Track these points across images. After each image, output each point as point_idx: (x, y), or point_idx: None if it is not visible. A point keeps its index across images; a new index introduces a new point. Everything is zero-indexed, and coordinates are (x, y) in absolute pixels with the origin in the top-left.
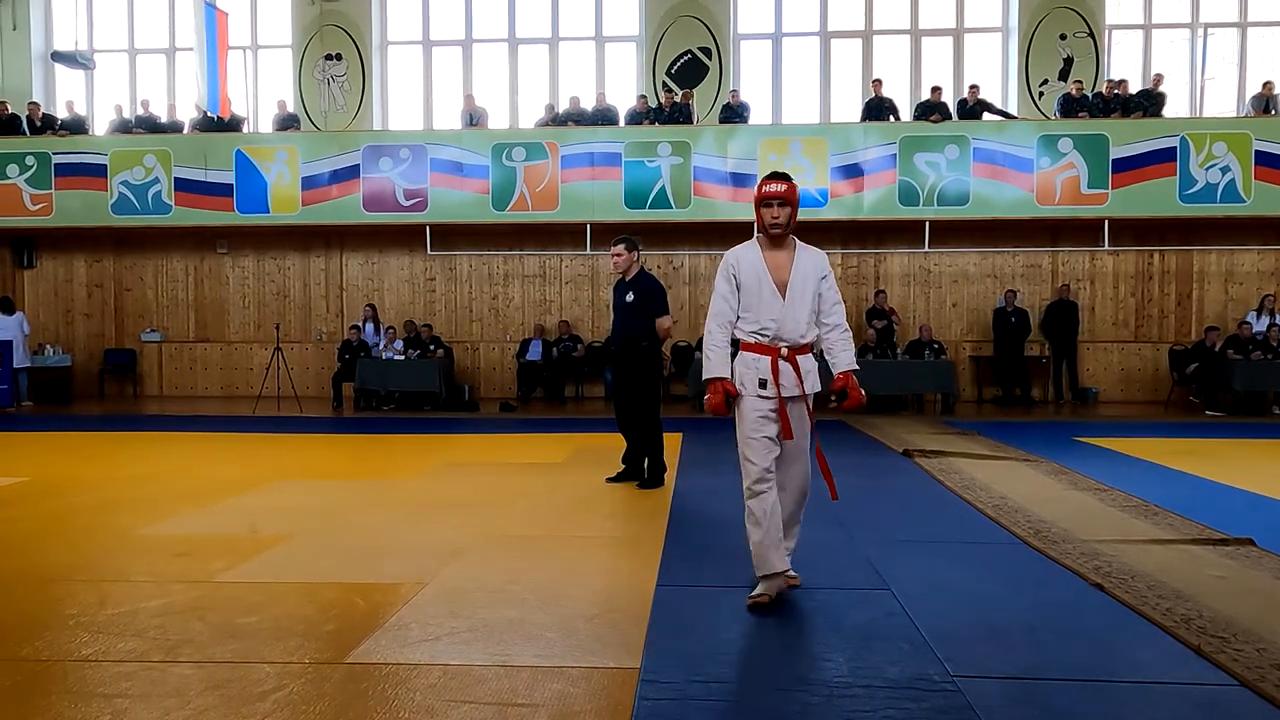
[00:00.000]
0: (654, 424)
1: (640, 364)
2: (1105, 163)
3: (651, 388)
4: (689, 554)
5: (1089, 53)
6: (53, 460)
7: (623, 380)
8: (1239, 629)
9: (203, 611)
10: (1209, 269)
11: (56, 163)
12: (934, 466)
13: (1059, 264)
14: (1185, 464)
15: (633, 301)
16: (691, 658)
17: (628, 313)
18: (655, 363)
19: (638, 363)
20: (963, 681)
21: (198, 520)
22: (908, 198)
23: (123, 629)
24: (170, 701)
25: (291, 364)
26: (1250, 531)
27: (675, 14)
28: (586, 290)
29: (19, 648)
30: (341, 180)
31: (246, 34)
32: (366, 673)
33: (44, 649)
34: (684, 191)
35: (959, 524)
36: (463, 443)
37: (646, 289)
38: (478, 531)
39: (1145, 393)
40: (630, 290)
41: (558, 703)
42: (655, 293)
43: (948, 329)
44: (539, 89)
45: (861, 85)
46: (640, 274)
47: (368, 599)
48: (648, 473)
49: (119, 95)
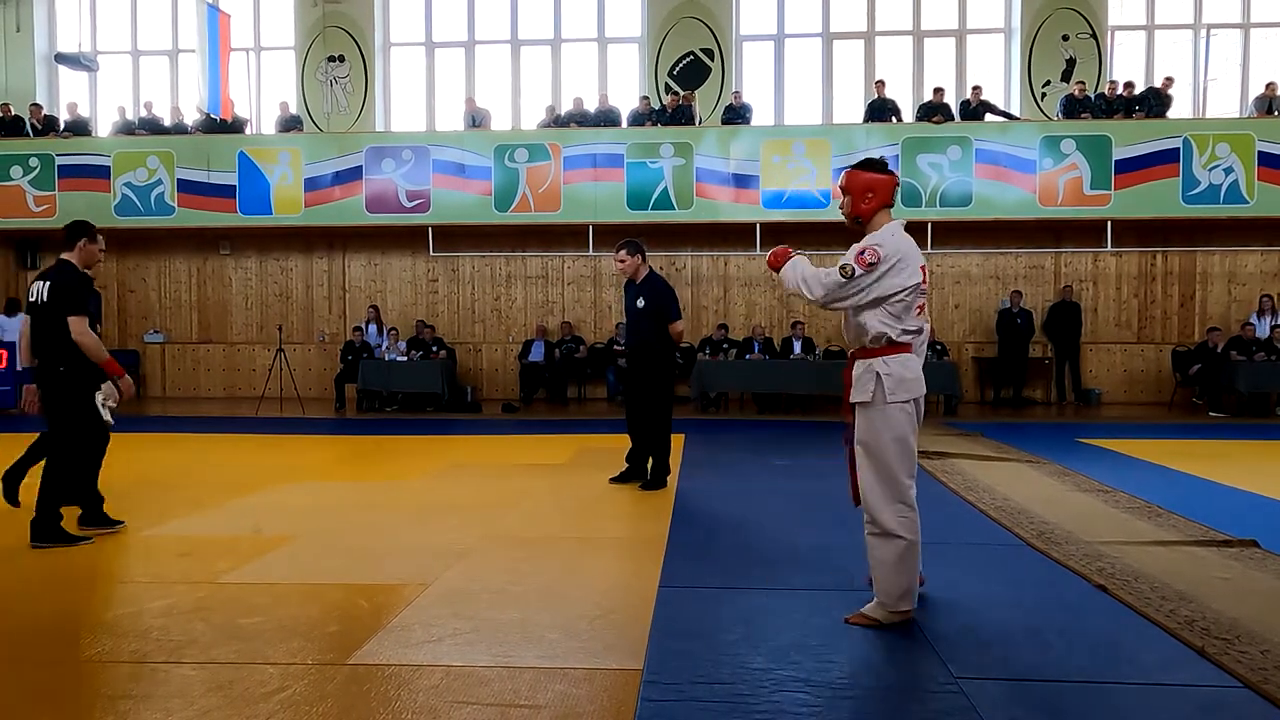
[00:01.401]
0: (665, 426)
1: (654, 367)
2: (1108, 164)
3: (665, 390)
4: (691, 555)
5: (1091, 54)
6: None
7: (636, 382)
8: (1243, 630)
9: (206, 612)
10: (1212, 270)
11: (60, 164)
12: (937, 468)
13: (1062, 265)
14: (1188, 465)
15: (644, 306)
16: (694, 659)
17: (640, 317)
18: (669, 366)
19: (651, 365)
20: (965, 683)
21: (201, 521)
22: (910, 199)
23: (126, 630)
24: (174, 702)
25: (294, 365)
26: (1254, 533)
27: (677, 15)
28: (589, 291)
29: (23, 650)
30: (344, 182)
31: (249, 35)
32: (369, 674)
33: (47, 651)
34: (686, 193)
35: (962, 525)
36: (465, 444)
37: (658, 293)
38: (480, 532)
39: (1148, 394)
40: (641, 294)
41: (560, 704)
42: (667, 296)
43: (950, 330)
44: (541, 90)
45: (864, 86)
46: (650, 276)
47: (371, 600)
48: (651, 474)
49: (122, 97)
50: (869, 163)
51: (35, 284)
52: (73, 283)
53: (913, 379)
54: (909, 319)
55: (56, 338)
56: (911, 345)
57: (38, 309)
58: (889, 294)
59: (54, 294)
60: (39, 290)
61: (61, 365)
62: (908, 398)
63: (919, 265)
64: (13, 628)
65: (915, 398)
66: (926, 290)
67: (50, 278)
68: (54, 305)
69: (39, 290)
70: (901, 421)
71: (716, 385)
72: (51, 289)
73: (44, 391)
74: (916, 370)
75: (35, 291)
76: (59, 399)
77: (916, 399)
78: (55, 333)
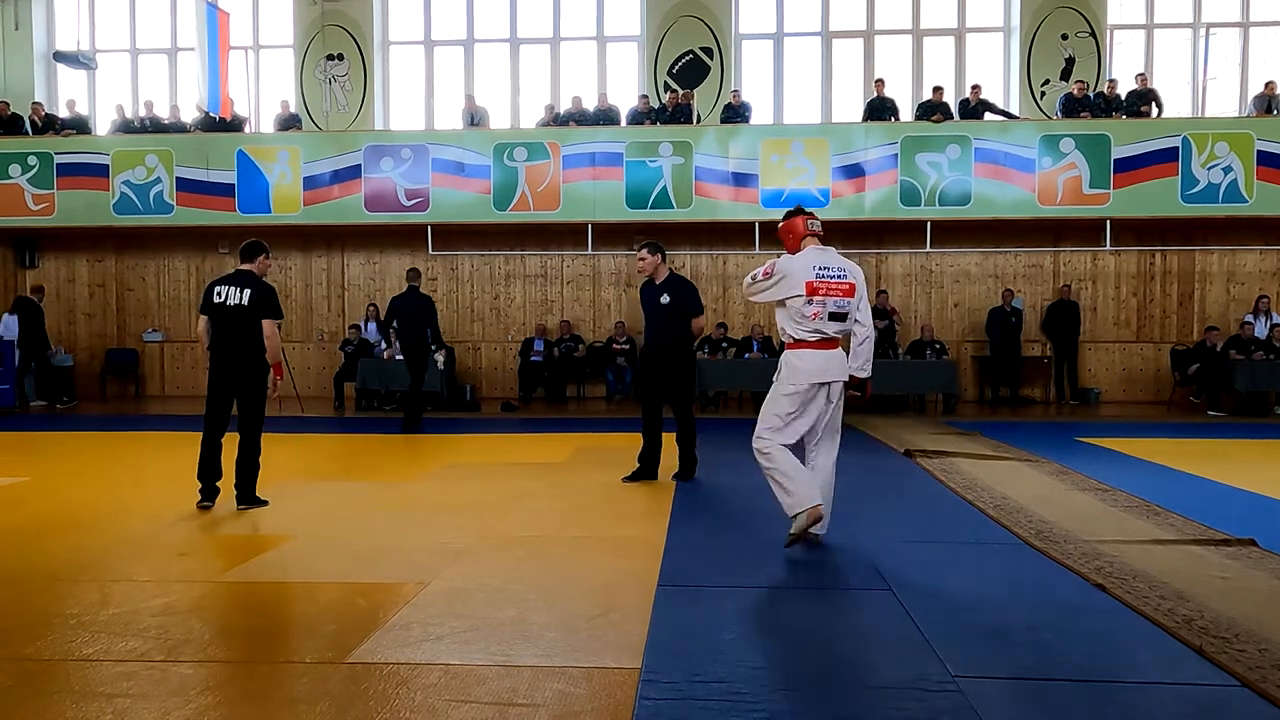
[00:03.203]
0: (692, 419)
1: (682, 363)
2: (1107, 163)
3: (690, 385)
4: (690, 554)
5: (1091, 53)
6: (54, 460)
7: (659, 380)
8: (1240, 629)
9: (204, 611)
10: (1211, 269)
11: (58, 162)
12: (935, 467)
13: (1060, 264)
14: (1187, 464)
15: (669, 303)
16: (692, 658)
17: (664, 314)
18: (692, 361)
19: (679, 362)
20: (964, 682)
21: (199, 520)
22: (909, 198)
23: (124, 629)
24: (171, 701)
25: (292, 364)
26: (1252, 532)
27: (677, 14)
28: (588, 290)
29: (21, 647)
30: (343, 180)
31: (248, 34)
32: (368, 672)
33: (45, 648)
34: (685, 192)
35: (960, 524)
36: (464, 443)
37: (682, 288)
38: (479, 531)
39: (1147, 393)
40: (665, 292)
41: (559, 703)
42: (690, 290)
43: (949, 329)
44: (540, 89)
45: (863, 85)
46: (671, 276)
47: (369, 599)
48: (683, 465)
49: (121, 95)
50: (789, 213)
51: (226, 289)
52: (270, 292)
53: (803, 368)
54: (806, 323)
55: (255, 338)
56: (822, 343)
57: (234, 311)
58: (781, 298)
59: (255, 301)
60: (233, 295)
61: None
62: (794, 385)
63: (804, 281)
64: (11, 625)
65: (804, 385)
66: (837, 299)
67: (249, 285)
68: (254, 310)
69: (233, 295)
70: (789, 394)
71: (715, 384)
72: (254, 297)
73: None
74: (810, 362)
75: (227, 295)
76: (259, 388)
77: (810, 385)
78: (255, 334)
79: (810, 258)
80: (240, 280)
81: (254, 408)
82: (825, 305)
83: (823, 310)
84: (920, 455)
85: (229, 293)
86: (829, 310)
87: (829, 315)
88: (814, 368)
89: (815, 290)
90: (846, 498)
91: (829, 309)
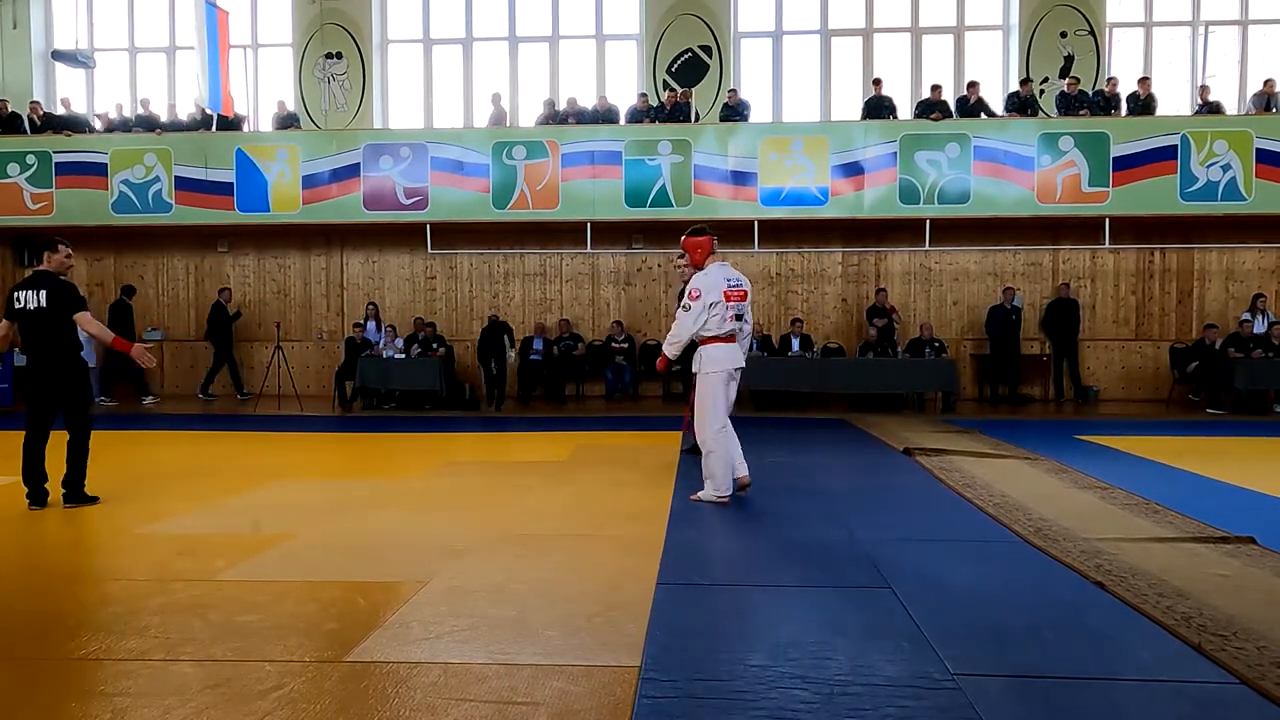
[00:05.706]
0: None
1: None
2: (1106, 161)
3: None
4: (689, 552)
5: (1090, 51)
6: (53, 460)
7: None
8: (1240, 627)
9: (204, 610)
10: (1210, 267)
11: (57, 161)
12: (935, 465)
13: (1060, 262)
14: (1186, 462)
15: None
16: (692, 656)
17: None
18: None
19: None
20: (963, 680)
21: (199, 519)
22: (908, 196)
23: (124, 627)
24: (171, 700)
25: (292, 363)
26: (1251, 530)
27: (676, 12)
28: (587, 289)
29: (20, 646)
30: (342, 179)
31: (247, 33)
32: (367, 671)
33: (45, 647)
34: (684, 190)
35: (960, 522)
36: (463, 441)
37: None
38: (478, 530)
39: (1146, 391)
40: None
41: (558, 701)
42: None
43: (948, 327)
44: (539, 87)
45: (862, 83)
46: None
47: (368, 597)
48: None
49: (119, 94)
50: (694, 230)
51: (24, 293)
52: (67, 288)
53: (720, 358)
54: (724, 324)
55: (64, 338)
56: (729, 337)
57: (35, 314)
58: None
59: (53, 300)
60: (31, 298)
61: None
62: (717, 369)
63: (722, 290)
64: (10, 625)
65: (725, 370)
66: (737, 303)
67: (45, 286)
68: (54, 309)
69: (31, 298)
70: (714, 382)
71: None
72: (50, 296)
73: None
74: (723, 353)
75: (26, 299)
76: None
77: (729, 370)
78: (62, 333)
79: (721, 272)
80: (37, 282)
81: (76, 407)
82: (732, 309)
83: (730, 313)
84: (919, 453)
85: (27, 296)
86: (734, 312)
87: (735, 316)
88: (726, 356)
89: (730, 297)
90: (846, 496)
91: (734, 311)
